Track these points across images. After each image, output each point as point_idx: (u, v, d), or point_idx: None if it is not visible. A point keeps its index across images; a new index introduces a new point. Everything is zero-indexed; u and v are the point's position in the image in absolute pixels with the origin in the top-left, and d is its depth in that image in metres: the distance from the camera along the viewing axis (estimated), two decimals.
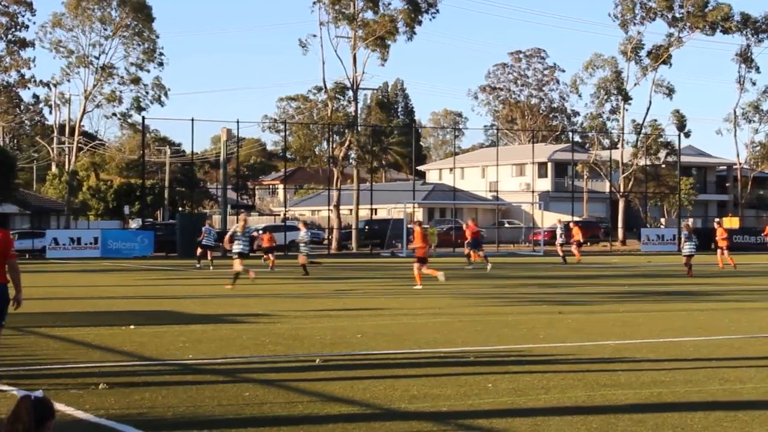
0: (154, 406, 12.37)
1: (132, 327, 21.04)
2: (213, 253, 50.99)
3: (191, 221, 69.92)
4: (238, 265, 34.46)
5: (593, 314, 24.86)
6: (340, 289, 34.86)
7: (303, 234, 43.60)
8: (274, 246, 51.61)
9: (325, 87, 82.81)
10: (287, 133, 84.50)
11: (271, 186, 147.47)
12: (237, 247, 34.71)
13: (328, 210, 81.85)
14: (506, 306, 27.56)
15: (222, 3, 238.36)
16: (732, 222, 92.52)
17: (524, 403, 12.69)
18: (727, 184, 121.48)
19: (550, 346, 18.37)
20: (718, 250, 52.67)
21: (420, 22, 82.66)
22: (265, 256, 51.67)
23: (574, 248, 58.91)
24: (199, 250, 51.07)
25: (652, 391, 13.43)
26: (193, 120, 74.46)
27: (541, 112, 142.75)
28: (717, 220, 74.32)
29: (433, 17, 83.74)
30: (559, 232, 59.46)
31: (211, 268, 48.56)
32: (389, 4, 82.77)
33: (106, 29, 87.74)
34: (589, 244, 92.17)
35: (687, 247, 44.85)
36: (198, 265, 49.70)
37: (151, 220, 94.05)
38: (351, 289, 35.29)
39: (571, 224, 64.97)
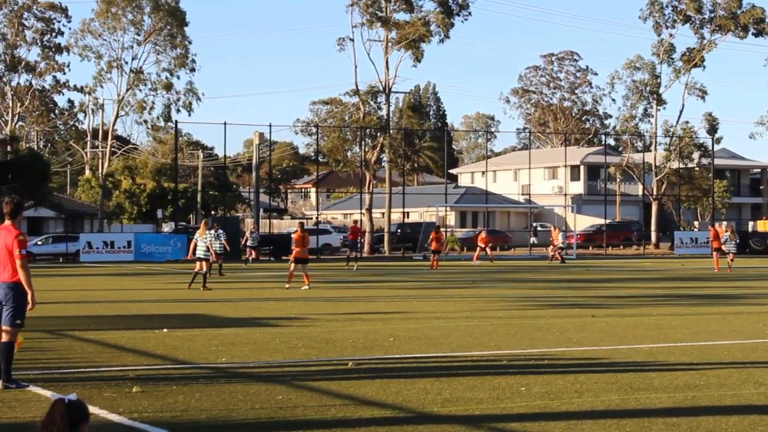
0: (187, 409, 12.40)
1: (165, 330, 21.11)
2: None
3: (224, 225, 70.01)
4: (201, 267, 36.40)
5: (626, 317, 24.76)
6: (372, 292, 34.84)
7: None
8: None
9: (358, 90, 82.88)
10: (320, 136, 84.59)
11: (303, 189, 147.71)
12: (198, 251, 36.76)
13: (360, 213, 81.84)
14: (539, 309, 27.50)
15: (254, 6, 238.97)
16: (766, 225, 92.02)
17: (557, 406, 12.65)
18: (761, 187, 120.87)
19: (583, 349, 18.32)
20: (714, 253, 53.09)
21: (452, 25, 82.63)
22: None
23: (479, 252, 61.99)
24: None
25: (686, 395, 13.37)
26: (225, 124, 74.72)
27: (573, 114, 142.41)
28: (717, 223, 74.33)
29: (466, 20, 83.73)
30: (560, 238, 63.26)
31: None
32: (422, 6, 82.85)
33: (138, 34, 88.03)
34: (622, 247, 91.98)
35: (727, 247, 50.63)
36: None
37: (184, 223, 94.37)
38: (383, 292, 35.28)
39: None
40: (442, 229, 64.90)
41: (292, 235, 39.82)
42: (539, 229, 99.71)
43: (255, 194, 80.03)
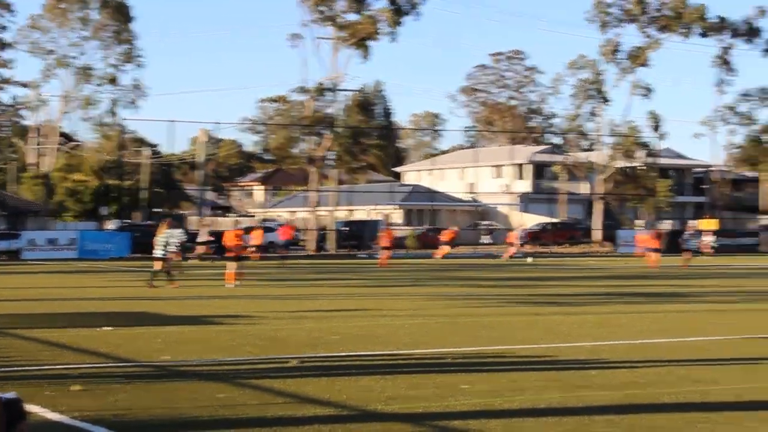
0: (130, 407, 12.35)
1: (108, 328, 21.01)
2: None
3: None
4: (158, 265, 36.33)
5: (570, 315, 24.92)
6: (318, 290, 34.81)
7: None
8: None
9: (306, 88, 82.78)
10: (266, 134, 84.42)
11: (248, 187, 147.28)
12: (156, 251, 36.75)
13: (307, 211, 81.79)
14: (483, 307, 27.61)
15: (201, 3, 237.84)
16: (709, 224, 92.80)
17: (499, 404, 12.72)
18: (704, 186, 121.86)
19: (526, 347, 18.42)
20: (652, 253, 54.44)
21: (401, 23, 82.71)
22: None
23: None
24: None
25: (626, 393, 13.48)
26: (171, 121, 74.47)
27: (520, 113, 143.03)
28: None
29: (416, 18, 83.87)
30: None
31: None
32: (370, 5, 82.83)
33: (84, 30, 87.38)
34: (567, 245, 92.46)
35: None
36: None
37: (128, 221, 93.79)
38: (329, 290, 35.28)
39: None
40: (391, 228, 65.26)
41: (230, 234, 39.58)
42: (490, 227, 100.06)
43: (201, 192, 79.82)
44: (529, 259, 64.58)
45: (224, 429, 11.29)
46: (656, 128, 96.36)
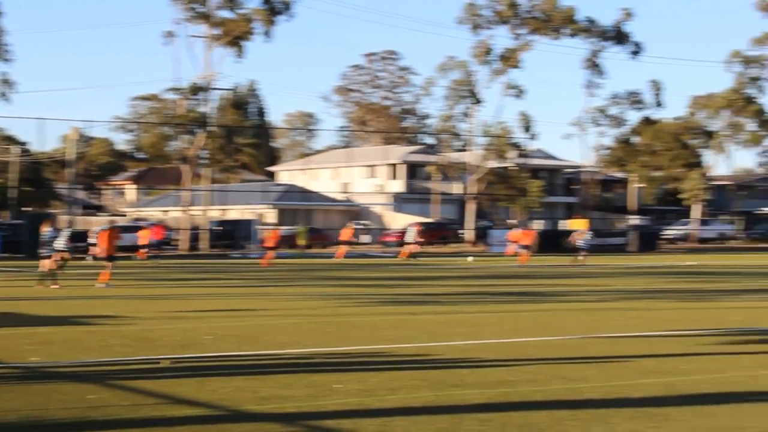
0: None
1: None
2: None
3: (38, 221, 68.67)
4: (46, 265, 35.53)
5: (441, 315, 25.12)
6: (190, 290, 34.56)
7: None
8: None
9: (179, 87, 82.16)
10: (139, 132, 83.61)
11: (120, 186, 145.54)
12: (43, 250, 35.99)
13: (179, 211, 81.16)
14: (356, 307, 27.67)
15: (71, 1, 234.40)
16: (580, 224, 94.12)
17: (372, 403, 12.79)
18: (574, 187, 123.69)
19: (399, 347, 18.52)
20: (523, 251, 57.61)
21: (275, 22, 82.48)
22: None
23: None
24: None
25: (498, 391, 13.64)
26: (41, 119, 73.30)
27: (393, 114, 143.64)
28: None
29: (290, 18, 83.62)
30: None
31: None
32: (244, 3, 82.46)
33: None
34: (440, 245, 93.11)
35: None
36: None
37: None
38: (202, 290, 35.05)
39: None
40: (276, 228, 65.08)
41: (100, 233, 38.99)
42: (363, 227, 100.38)
43: (72, 191, 78.67)
44: (470, 259, 65.12)
45: (94, 431, 11.18)
46: (527, 129, 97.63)
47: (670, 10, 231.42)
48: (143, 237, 57.64)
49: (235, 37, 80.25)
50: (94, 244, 59.68)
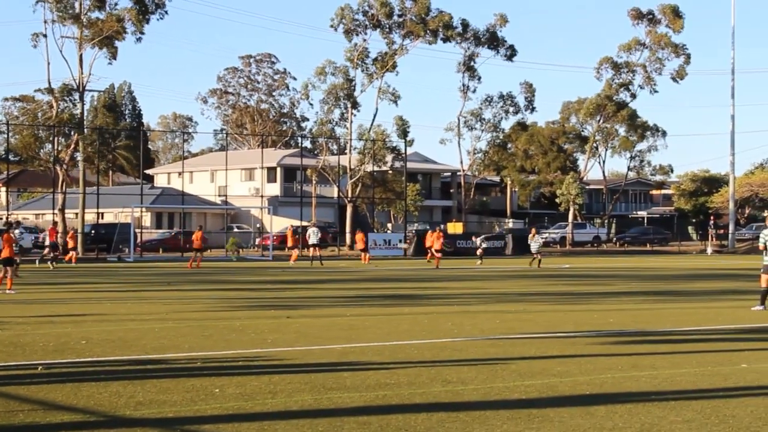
0: None
1: None
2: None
3: None
4: None
5: (320, 318, 25.06)
6: (65, 294, 34.00)
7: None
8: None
9: (51, 88, 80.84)
10: (11, 134, 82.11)
11: None
12: None
13: (53, 213, 79.86)
14: (234, 311, 27.49)
15: None
16: (456, 227, 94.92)
17: (251, 407, 12.69)
18: (451, 191, 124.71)
19: (278, 350, 18.42)
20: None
21: (148, 21, 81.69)
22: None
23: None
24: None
25: (378, 394, 13.64)
26: None
27: (270, 117, 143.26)
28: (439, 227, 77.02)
29: (162, 18, 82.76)
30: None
31: None
32: (116, 4, 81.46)
33: None
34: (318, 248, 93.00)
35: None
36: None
37: None
38: (76, 294, 34.52)
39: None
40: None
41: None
42: (235, 230, 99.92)
43: None
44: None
45: None
46: (404, 133, 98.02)
47: (543, 16, 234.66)
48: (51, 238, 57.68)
49: (105, 37, 79.17)
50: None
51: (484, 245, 66.03)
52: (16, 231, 40.00)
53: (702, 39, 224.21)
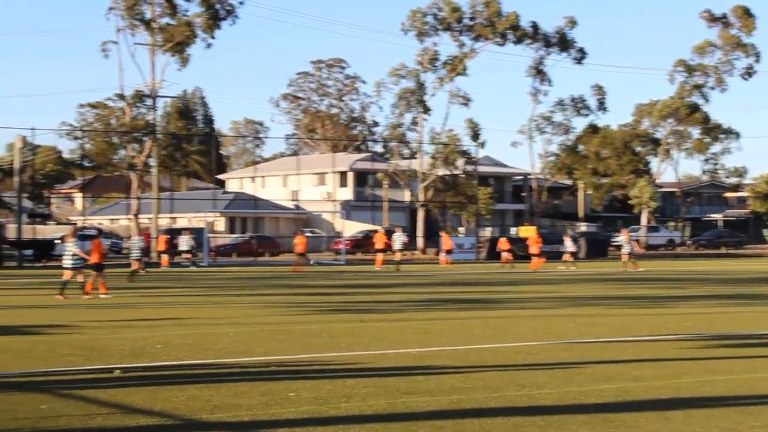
0: None
1: None
2: None
3: None
4: (68, 275, 34.12)
5: (394, 322, 25.07)
6: (140, 299, 34.28)
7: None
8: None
9: (123, 94, 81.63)
10: (86, 140, 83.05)
11: (68, 194, 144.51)
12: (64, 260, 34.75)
13: (128, 219, 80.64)
14: (309, 315, 27.58)
15: (16, 6, 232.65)
16: (528, 231, 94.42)
17: (326, 411, 12.71)
18: (523, 194, 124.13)
19: (352, 354, 18.44)
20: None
21: (219, 28, 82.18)
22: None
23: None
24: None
25: (452, 398, 13.61)
26: None
27: (341, 121, 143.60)
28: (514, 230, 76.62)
29: (233, 23, 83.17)
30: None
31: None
32: (187, 10, 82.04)
33: None
34: (389, 252, 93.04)
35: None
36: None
37: None
38: (152, 299, 34.80)
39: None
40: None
41: (90, 243, 37.62)
42: (309, 235, 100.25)
43: (18, 199, 77.93)
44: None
45: None
46: (475, 137, 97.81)
47: (613, 18, 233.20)
48: (161, 243, 59.45)
49: (177, 44, 79.78)
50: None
51: (572, 248, 64.27)
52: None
53: None
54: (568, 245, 64.66)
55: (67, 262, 34.47)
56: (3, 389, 14.32)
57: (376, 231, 73.48)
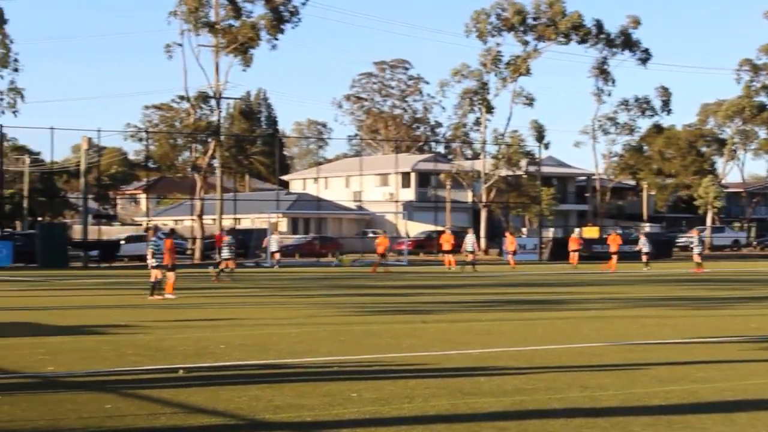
0: (13, 419, 12.09)
1: None
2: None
3: (51, 231, 69.05)
4: (156, 275, 34.01)
5: (456, 323, 25.02)
6: (203, 299, 34.47)
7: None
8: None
9: (188, 96, 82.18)
10: (150, 142, 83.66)
11: (133, 195, 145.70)
12: (150, 261, 34.50)
13: (192, 220, 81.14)
14: (370, 315, 27.60)
15: (80, 9, 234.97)
16: (592, 232, 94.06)
17: (388, 412, 12.70)
18: (586, 195, 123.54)
19: (414, 355, 18.43)
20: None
21: (282, 30, 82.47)
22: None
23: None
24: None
25: (515, 399, 13.55)
26: (52, 129, 73.27)
27: (404, 122, 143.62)
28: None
29: (296, 25, 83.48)
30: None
31: None
32: (252, 12, 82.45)
33: None
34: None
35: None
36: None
37: (9, 230, 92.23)
38: (215, 299, 34.98)
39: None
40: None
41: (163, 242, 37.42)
42: (371, 235, 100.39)
43: (83, 200, 78.70)
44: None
45: None
46: (540, 138, 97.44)
47: (676, 17, 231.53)
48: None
49: (241, 45, 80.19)
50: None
51: (646, 248, 63.33)
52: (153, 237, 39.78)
53: None
54: (644, 245, 63.74)
55: (151, 261, 34.25)
56: (69, 389, 14.45)
57: (442, 232, 72.72)
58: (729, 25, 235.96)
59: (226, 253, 47.98)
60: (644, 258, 62.30)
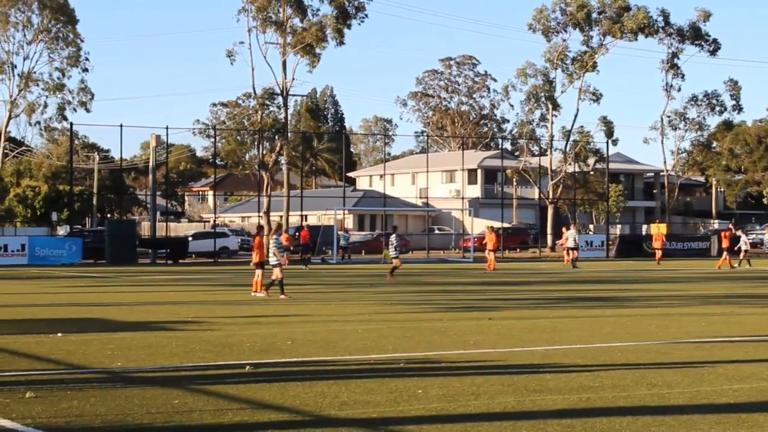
0: (82, 414, 12.24)
1: (59, 335, 20.81)
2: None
3: (120, 228, 69.71)
4: (278, 273, 33.55)
5: (522, 320, 24.97)
6: (270, 295, 34.60)
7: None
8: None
9: (255, 93, 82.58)
10: (218, 139, 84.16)
11: (200, 192, 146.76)
12: (271, 259, 34.05)
13: (258, 216, 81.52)
14: (436, 312, 27.59)
15: (149, 7, 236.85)
16: (660, 228, 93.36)
17: (454, 409, 12.72)
18: (654, 191, 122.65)
19: (480, 352, 18.42)
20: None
21: (349, 26, 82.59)
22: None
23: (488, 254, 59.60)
24: None
25: (581, 396, 13.52)
26: (121, 126, 73.89)
27: (471, 119, 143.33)
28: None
29: (362, 22, 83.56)
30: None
31: None
32: (318, 10, 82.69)
33: (26, 34, 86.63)
34: (518, 250, 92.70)
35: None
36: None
37: (79, 226, 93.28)
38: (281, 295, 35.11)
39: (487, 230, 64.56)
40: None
41: (252, 239, 36.96)
42: (436, 232, 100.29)
43: (152, 197, 79.29)
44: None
45: None
46: (609, 134, 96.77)
47: (745, 11, 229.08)
48: (302, 238, 60.99)
49: (307, 45, 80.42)
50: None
51: (745, 247, 62.48)
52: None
53: None
54: (745, 241, 63.02)
55: (272, 259, 33.86)
56: (137, 384, 14.60)
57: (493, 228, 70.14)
58: None
59: (392, 251, 47.88)
60: (742, 255, 61.66)
